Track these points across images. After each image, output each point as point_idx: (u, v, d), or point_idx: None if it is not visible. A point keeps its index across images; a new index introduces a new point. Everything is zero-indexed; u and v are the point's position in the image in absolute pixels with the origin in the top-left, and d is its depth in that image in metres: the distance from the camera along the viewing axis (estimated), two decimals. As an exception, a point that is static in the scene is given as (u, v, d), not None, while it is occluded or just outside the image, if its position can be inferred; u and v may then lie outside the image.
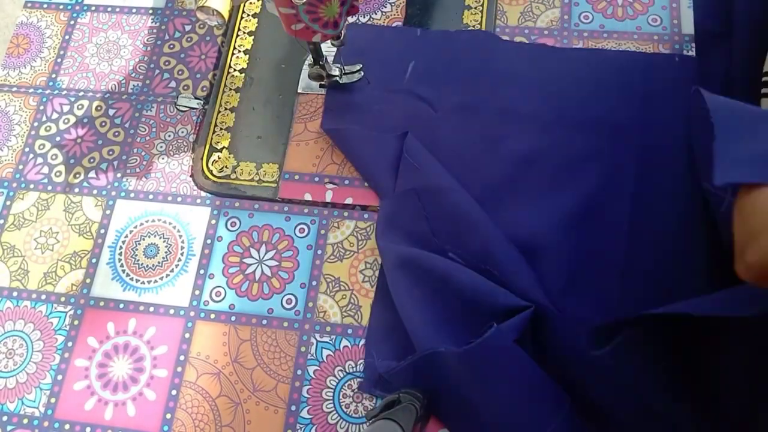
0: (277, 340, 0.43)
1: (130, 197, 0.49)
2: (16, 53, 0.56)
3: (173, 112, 0.52)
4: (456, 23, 0.51)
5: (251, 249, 0.46)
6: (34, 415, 0.43)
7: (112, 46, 0.55)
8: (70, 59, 0.55)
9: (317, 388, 0.42)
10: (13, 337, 0.46)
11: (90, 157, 0.51)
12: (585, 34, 0.50)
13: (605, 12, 0.51)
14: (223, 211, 0.48)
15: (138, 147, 0.51)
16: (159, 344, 0.44)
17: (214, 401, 0.42)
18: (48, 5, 0.57)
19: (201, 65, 0.53)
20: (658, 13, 0.50)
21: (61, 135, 0.52)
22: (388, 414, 0.35)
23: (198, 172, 0.49)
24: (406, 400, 0.37)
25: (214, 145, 0.50)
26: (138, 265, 0.47)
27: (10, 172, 0.51)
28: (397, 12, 0.52)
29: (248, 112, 0.51)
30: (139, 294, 0.46)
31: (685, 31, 0.49)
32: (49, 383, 0.44)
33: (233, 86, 0.52)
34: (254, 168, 0.48)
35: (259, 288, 0.45)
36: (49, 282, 0.47)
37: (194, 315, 0.45)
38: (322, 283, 0.45)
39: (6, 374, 0.45)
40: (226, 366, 0.43)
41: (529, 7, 0.52)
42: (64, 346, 0.45)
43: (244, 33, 0.54)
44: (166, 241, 0.47)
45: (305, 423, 0.41)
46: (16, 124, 0.53)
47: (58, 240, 0.48)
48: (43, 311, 0.46)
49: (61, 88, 0.54)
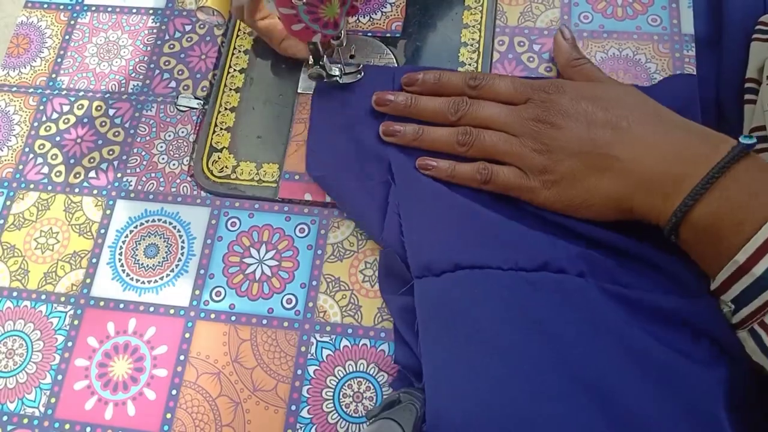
0: (277, 339, 0.43)
1: (131, 197, 0.49)
2: (16, 53, 0.56)
3: (173, 112, 0.52)
4: (456, 23, 0.51)
5: (251, 249, 0.46)
6: (34, 415, 0.43)
7: (112, 46, 0.55)
8: (70, 59, 0.55)
9: (317, 388, 0.42)
10: (13, 337, 0.46)
11: (90, 157, 0.51)
12: (585, 34, 0.50)
13: (605, 12, 0.51)
14: (223, 210, 0.48)
15: (138, 147, 0.51)
16: (159, 344, 0.44)
17: (214, 401, 0.42)
18: (48, 5, 0.57)
19: (201, 65, 0.53)
20: (657, 13, 0.50)
21: (61, 135, 0.52)
22: (388, 414, 0.35)
23: (198, 172, 0.49)
24: (406, 400, 0.37)
25: (214, 145, 0.50)
26: (138, 265, 0.47)
27: (10, 172, 0.51)
28: (397, 12, 0.53)
29: (248, 112, 0.51)
30: (139, 294, 0.46)
31: (684, 30, 0.49)
32: (49, 383, 0.44)
33: (233, 86, 0.52)
34: (254, 168, 0.48)
35: (259, 288, 0.45)
36: (49, 282, 0.47)
37: (194, 315, 0.45)
38: (322, 282, 0.45)
39: (6, 374, 0.45)
40: (226, 366, 0.43)
41: (529, 7, 0.52)
42: (64, 346, 0.45)
43: (244, 33, 0.54)
44: (166, 241, 0.47)
45: (305, 423, 0.41)
46: (15, 124, 0.53)
47: (58, 240, 0.48)
48: (43, 311, 0.46)
49: (61, 88, 0.54)
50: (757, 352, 0.31)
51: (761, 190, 0.32)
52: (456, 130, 0.43)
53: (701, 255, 0.34)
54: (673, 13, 0.50)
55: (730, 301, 0.32)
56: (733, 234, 0.31)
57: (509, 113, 0.42)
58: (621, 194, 0.37)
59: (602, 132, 0.38)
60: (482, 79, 0.43)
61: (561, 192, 0.39)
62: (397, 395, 0.38)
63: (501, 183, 0.40)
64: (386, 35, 0.52)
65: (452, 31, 0.51)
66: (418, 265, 0.40)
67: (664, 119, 0.38)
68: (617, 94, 0.40)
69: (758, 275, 0.30)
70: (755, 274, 0.30)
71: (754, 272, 0.30)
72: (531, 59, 0.50)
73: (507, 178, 0.40)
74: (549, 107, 0.40)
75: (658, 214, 0.35)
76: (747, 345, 0.32)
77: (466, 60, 0.50)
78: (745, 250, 0.30)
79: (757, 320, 0.31)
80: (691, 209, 0.33)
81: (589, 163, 0.38)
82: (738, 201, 0.32)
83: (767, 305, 0.30)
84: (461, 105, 0.43)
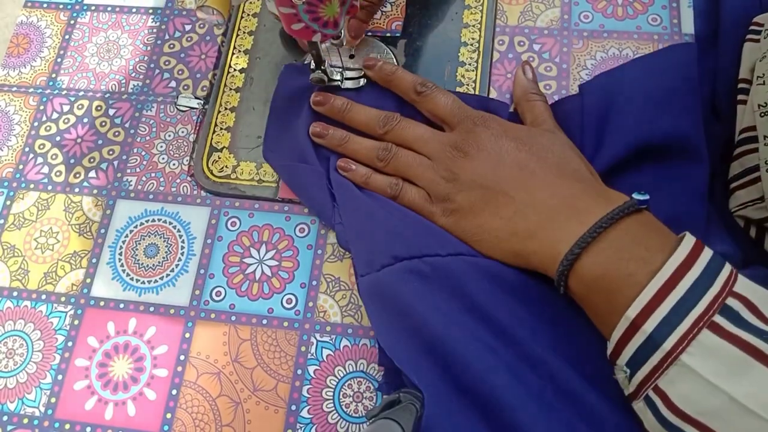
0: (277, 339, 0.43)
1: (131, 197, 0.49)
2: (16, 53, 0.56)
3: (173, 112, 0.52)
4: (456, 23, 0.51)
5: (251, 249, 0.46)
6: (34, 415, 0.43)
7: (112, 45, 0.55)
8: (70, 59, 0.55)
9: (317, 388, 0.42)
10: (13, 337, 0.46)
11: (90, 156, 0.51)
12: (585, 34, 0.50)
13: (605, 11, 0.51)
14: (224, 210, 0.48)
15: (138, 147, 0.51)
16: (159, 344, 0.44)
17: (214, 401, 0.42)
18: (48, 5, 0.57)
19: (201, 65, 0.53)
20: (658, 12, 0.50)
21: (61, 135, 0.52)
22: (388, 414, 0.35)
23: (198, 172, 0.49)
24: (406, 400, 0.37)
25: (214, 145, 0.50)
26: (138, 264, 0.47)
27: (10, 172, 0.51)
28: (397, 12, 0.52)
29: (248, 112, 0.51)
30: (139, 294, 0.46)
31: (685, 30, 0.49)
32: (49, 383, 0.44)
33: (233, 86, 0.52)
34: (254, 168, 0.48)
35: (259, 288, 0.45)
36: (49, 282, 0.47)
37: (194, 315, 0.45)
38: (323, 282, 0.45)
39: (6, 374, 0.45)
40: (227, 366, 0.43)
41: (529, 7, 0.52)
42: (64, 345, 0.45)
43: (244, 33, 0.54)
44: (166, 241, 0.47)
45: (305, 423, 0.41)
46: (16, 123, 0.53)
47: (58, 240, 0.48)
48: (44, 311, 0.46)
49: (61, 88, 0.54)
50: (654, 425, 0.29)
51: (651, 243, 0.31)
52: (378, 145, 0.43)
53: (595, 311, 0.33)
54: (674, 13, 0.50)
55: (625, 365, 0.30)
56: (622, 286, 0.30)
57: (432, 136, 0.42)
58: (510, 236, 0.37)
59: (508, 171, 0.38)
60: (430, 89, 0.44)
61: (456, 222, 0.40)
62: (396, 395, 0.38)
63: (407, 202, 0.42)
64: (386, 35, 0.52)
65: (452, 30, 0.51)
66: (361, 263, 0.41)
67: (574, 173, 0.38)
68: (541, 139, 0.40)
69: (649, 332, 0.28)
70: (646, 331, 0.28)
71: (645, 329, 0.28)
72: (531, 59, 0.50)
73: (413, 198, 0.42)
74: (468, 138, 0.41)
75: (546, 263, 0.35)
76: (645, 419, 0.30)
77: (466, 60, 0.50)
78: (636, 304, 0.29)
79: (651, 386, 0.29)
80: (578, 258, 0.32)
81: (486, 199, 0.38)
82: (626, 252, 0.31)
83: (660, 367, 0.28)
84: (391, 120, 0.43)
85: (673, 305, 0.28)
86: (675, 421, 0.28)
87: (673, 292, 0.28)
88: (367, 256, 0.41)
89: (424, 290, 0.37)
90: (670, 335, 0.28)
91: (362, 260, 0.41)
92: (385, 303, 0.39)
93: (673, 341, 0.28)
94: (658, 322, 0.28)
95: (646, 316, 0.28)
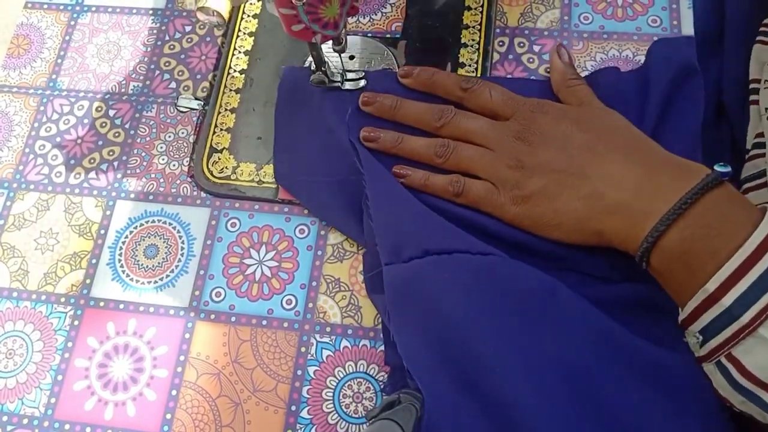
0: (277, 340, 0.43)
1: (131, 198, 0.49)
2: (17, 54, 0.56)
3: (173, 113, 0.52)
4: (456, 24, 0.51)
5: (251, 250, 0.46)
6: (34, 415, 0.43)
7: (113, 46, 0.55)
8: (71, 60, 0.55)
9: (317, 389, 0.42)
10: (13, 338, 0.46)
11: (90, 157, 0.51)
12: (585, 35, 0.50)
13: (605, 13, 0.51)
14: (223, 211, 0.48)
15: (138, 148, 0.51)
16: (159, 344, 0.44)
17: (214, 401, 0.42)
18: (48, 6, 0.57)
19: (201, 66, 0.53)
20: (658, 14, 0.50)
21: (62, 136, 0.52)
22: (388, 414, 0.35)
23: (198, 173, 0.49)
24: (406, 400, 0.37)
25: (214, 146, 0.50)
26: (138, 265, 0.47)
27: (11, 173, 0.51)
28: (397, 12, 0.53)
29: (248, 113, 0.51)
30: (139, 294, 0.46)
31: (685, 31, 0.49)
32: (49, 383, 0.44)
33: (233, 87, 0.52)
34: (254, 169, 0.49)
35: (259, 288, 0.45)
36: (49, 282, 0.47)
37: (194, 315, 0.45)
38: (322, 283, 0.45)
39: (6, 374, 0.45)
40: (226, 366, 0.43)
41: (529, 8, 0.52)
42: (64, 346, 0.45)
43: (244, 34, 0.54)
44: (166, 242, 0.47)
45: (305, 423, 0.41)
46: (16, 124, 0.53)
47: (58, 240, 0.48)
48: (43, 311, 0.46)
49: (62, 89, 0.54)
50: (725, 386, 0.30)
51: (734, 218, 0.31)
52: (435, 142, 0.42)
53: (672, 283, 0.33)
54: (674, 14, 0.50)
55: (698, 332, 0.31)
56: (704, 262, 0.30)
57: (490, 127, 0.41)
58: (590, 216, 0.37)
59: (577, 153, 0.38)
60: (475, 83, 0.43)
61: (530, 209, 0.39)
62: (396, 396, 0.38)
63: (472, 197, 0.40)
64: (386, 36, 0.52)
65: (452, 31, 0.51)
66: (386, 252, 0.40)
67: (643, 147, 0.38)
68: (600, 119, 0.40)
69: (727, 306, 0.29)
70: (724, 304, 0.29)
71: (723, 302, 0.29)
72: (531, 60, 0.50)
73: (478, 192, 0.40)
74: (529, 125, 0.40)
75: (628, 240, 0.35)
76: (714, 379, 0.31)
77: (466, 61, 0.50)
78: (715, 278, 0.29)
79: (725, 353, 0.30)
80: (662, 235, 0.32)
81: (560, 183, 0.38)
82: (710, 228, 0.31)
83: (735, 337, 0.29)
84: (446, 113, 0.42)
85: (754, 281, 0.28)
86: (748, 385, 0.29)
87: (754, 268, 0.29)
88: (394, 244, 0.40)
89: (451, 289, 0.37)
90: (749, 310, 0.28)
91: (388, 248, 0.40)
92: (407, 296, 0.38)
93: (751, 315, 0.28)
94: (737, 297, 0.29)
95: (726, 291, 0.29)
